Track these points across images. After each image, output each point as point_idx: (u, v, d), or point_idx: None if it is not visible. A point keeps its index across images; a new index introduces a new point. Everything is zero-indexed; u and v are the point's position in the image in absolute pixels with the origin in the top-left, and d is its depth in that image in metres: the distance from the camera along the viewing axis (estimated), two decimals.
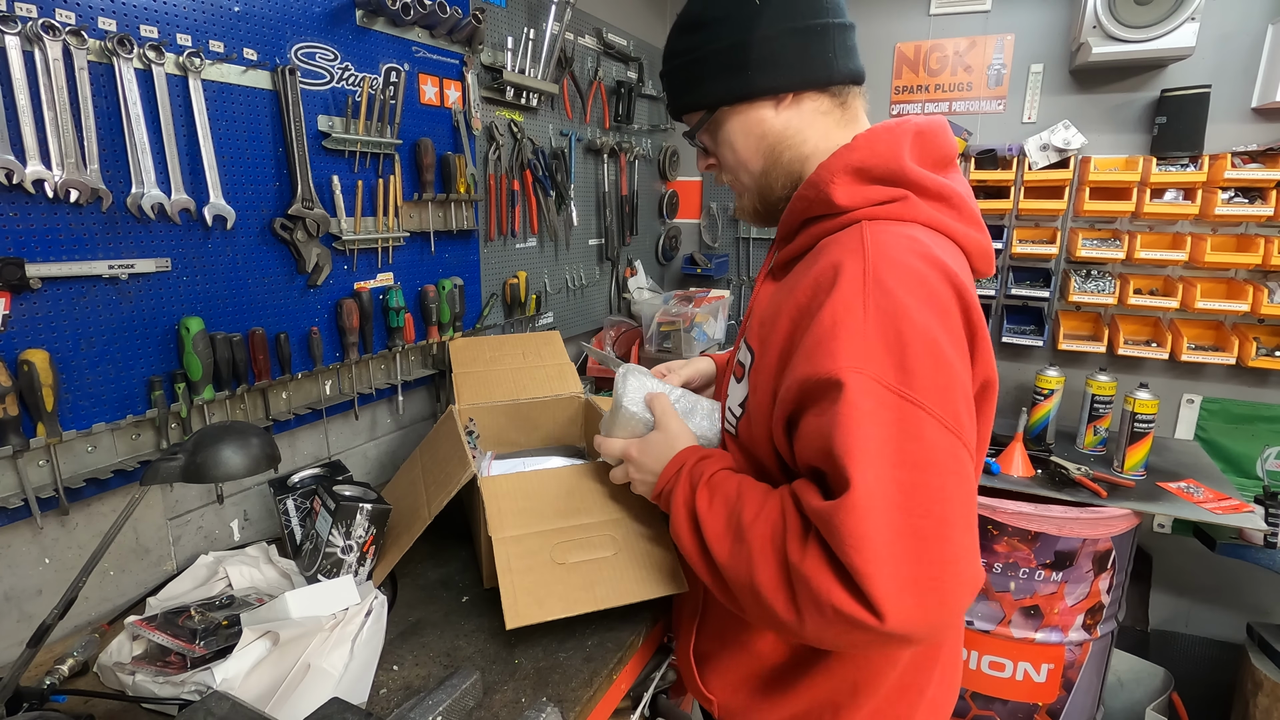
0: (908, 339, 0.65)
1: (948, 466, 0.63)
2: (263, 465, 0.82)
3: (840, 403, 0.64)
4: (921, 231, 0.75)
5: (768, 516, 0.72)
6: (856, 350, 0.65)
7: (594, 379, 2.26)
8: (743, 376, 0.86)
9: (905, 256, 0.70)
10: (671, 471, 0.88)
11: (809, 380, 0.68)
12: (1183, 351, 2.17)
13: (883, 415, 0.63)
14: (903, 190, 0.76)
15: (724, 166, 0.92)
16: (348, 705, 0.71)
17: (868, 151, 0.77)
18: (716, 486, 0.81)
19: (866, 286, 0.68)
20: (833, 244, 0.76)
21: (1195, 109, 2.10)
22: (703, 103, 0.88)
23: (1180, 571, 2.42)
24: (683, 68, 0.88)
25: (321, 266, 1.34)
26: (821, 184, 0.78)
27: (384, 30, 1.42)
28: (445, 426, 1.30)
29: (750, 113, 0.85)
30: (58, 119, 0.94)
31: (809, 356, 0.69)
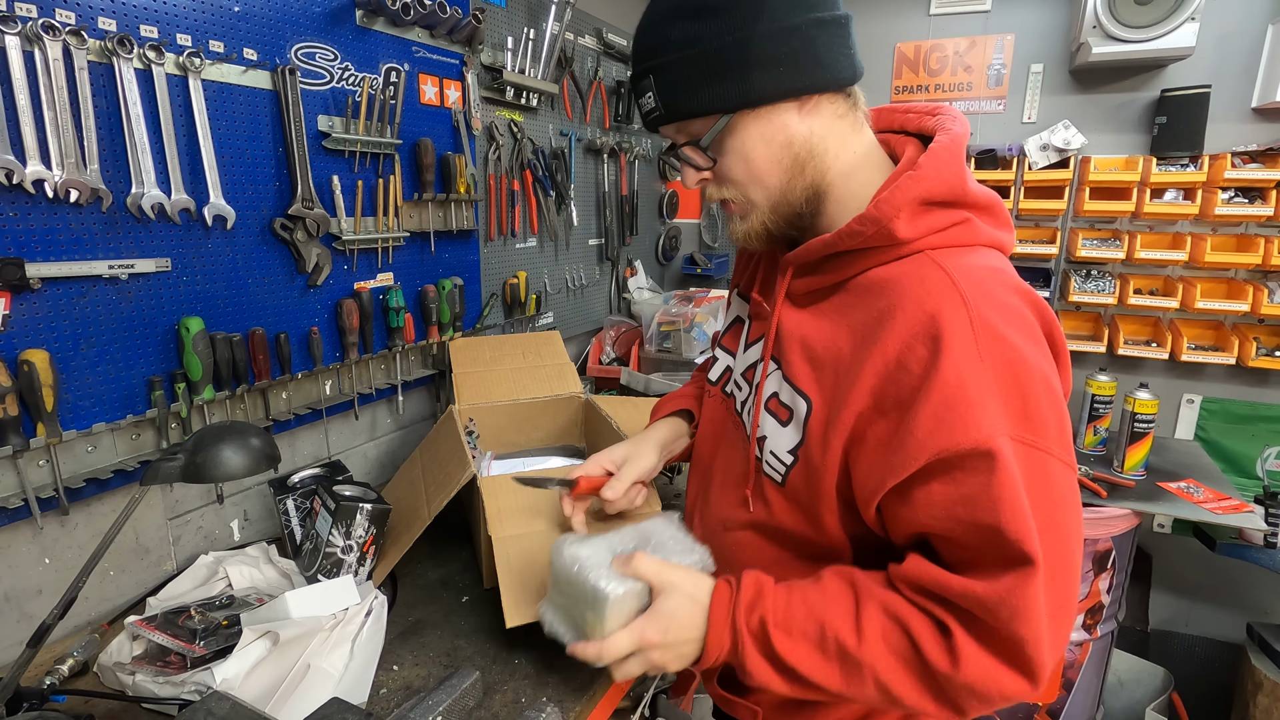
0: (1028, 388, 0.63)
1: (1071, 502, 0.65)
2: (263, 465, 0.82)
3: (996, 473, 0.61)
4: (993, 257, 0.72)
5: (877, 631, 0.68)
6: (991, 413, 0.61)
7: (594, 379, 2.26)
8: (789, 420, 0.77)
9: (1000, 293, 0.66)
10: (723, 633, 0.74)
11: (945, 452, 0.62)
12: (1183, 351, 2.17)
13: (1026, 473, 0.61)
14: (964, 213, 0.71)
15: (728, 181, 0.78)
16: (348, 705, 0.71)
17: (936, 180, 0.69)
18: (785, 621, 0.72)
19: (979, 339, 0.63)
20: (906, 284, 0.69)
21: (1195, 109, 2.10)
22: (718, 106, 0.73)
23: (1180, 571, 2.42)
24: (687, 62, 0.71)
25: (321, 266, 1.34)
26: (884, 220, 0.69)
27: (384, 30, 1.42)
28: (445, 426, 1.30)
29: (773, 118, 0.73)
30: (58, 119, 0.94)
31: (937, 426, 0.62)
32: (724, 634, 0.74)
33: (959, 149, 0.72)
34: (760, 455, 0.82)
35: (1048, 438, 0.63)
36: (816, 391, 0.74)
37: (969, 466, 0.62)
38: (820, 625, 0.70)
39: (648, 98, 0.75)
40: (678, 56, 0.72)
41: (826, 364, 0.74)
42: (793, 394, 0.77)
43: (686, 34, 0.71)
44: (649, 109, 0.76)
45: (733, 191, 0.78)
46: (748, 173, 0.76)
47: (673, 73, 0.73)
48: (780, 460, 0.78)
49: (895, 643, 0.68)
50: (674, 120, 0.76)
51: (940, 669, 0.65)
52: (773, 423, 0.80)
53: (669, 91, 0.74)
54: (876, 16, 2.52)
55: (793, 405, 0.77)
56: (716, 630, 0.74)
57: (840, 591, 0.72)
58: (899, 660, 0.67)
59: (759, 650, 0.72)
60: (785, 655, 0.71)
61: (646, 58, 0.75)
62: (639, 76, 0.76)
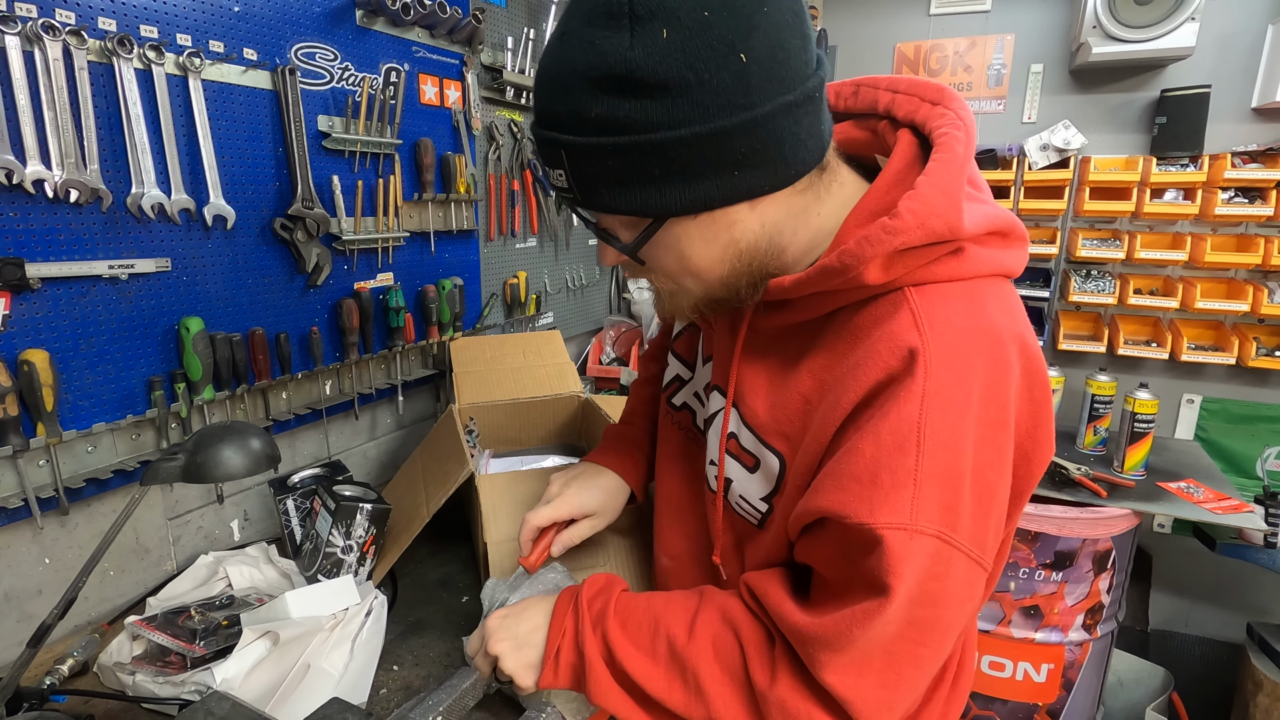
0: (957, 480, 0.56)
1: (957, 600, 0.59)
2: (263, 465, 0.82)
3: (884, 557, 0.55)
4: (989, 295, 0.62)
5: (709, 634, 0.66)
6: (903, 504, 0.55)
7: (594, 379, 2.26)
8: (755, 468, 0.72)
9: (971, 358, 0.58)
10: (565, 616, 0.72)
11: (845, 520, 0.57)
12: (1183, 351, 2.17)
13: (924, 564, 0.56)
14: (956, 243, 0.60)
15: (656, 272, 0.66)
16: (348, 705, 0.71)
17: (916, 230, 0.56)
18: (624, 614, 0.70)
19: (923, 418, 0.55)
20: (877, 337, 0.60)
21: (1195, 109, 2.10)
22: (650, 211, 0.58)
23: (1180, 571, 2.41)
24: (613, 154, 0.55)
25: (321, 266, 1.34)
26: (851, 270, 0.58)
27: (384, 30, 1.42)
28: (445, 426, 1.31)
29: (718, 217, 0.59)
30: (58, 119, 0.94)
31: (845, 490, 0.58)
32: (565, 616, 0.72)
33: (956, 178, 0.57)
34: (728, 499, 0.77)
35: (960, 532, 0.57)
36: (786, 445, 0.68)
37: (860, 539, 0.57)
38: (655, 623, 0.68)
39: (558, 174, 0.59)
40: (600, 143, 0.55)
41: (794, 414, 0.67)
42: (757, 444, 0.71)
43: (614, 115, 0.54)
44: (561, 186, 0.60)
45: (661, 280, 0.67)
46: (681, 268, 0.64)
47: (593, 161, 0.56)
48: (754, 506, 0.74)
49: (723, 647, 0.66)
50: (586, 209, 0.62)
51: (758, 682, 0.62)
52: (737, 467, 0.74)
53: (586, 181, 0.58)
54: (876, 16, 2.52)
55: (760, 456, 0.71)
56: (559, 612, 0.72)
57: (686, 596, 0.71)
58: (722, 667, 0.65)
59: (598, 638, 0.69)
60: (616, 647, 0.68)
61: (555, 126, 0.57)
62: (545, 143, 0.59)
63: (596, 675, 0.69)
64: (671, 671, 0.66)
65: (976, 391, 0.57)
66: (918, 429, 0.55)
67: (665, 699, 0.66)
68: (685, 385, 0.89)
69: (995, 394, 0.58)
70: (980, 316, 0.60)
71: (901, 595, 0.56)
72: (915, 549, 0.55)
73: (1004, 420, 0.59)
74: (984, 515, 0.59)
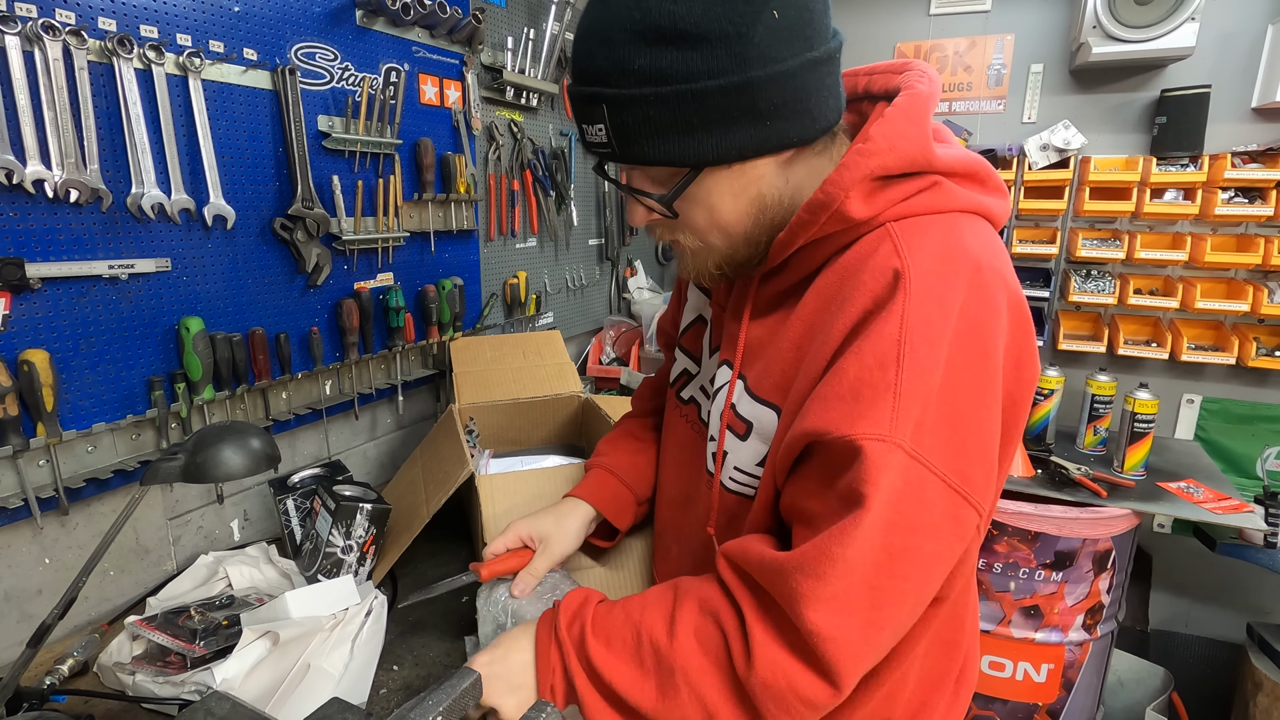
0: (932, 401, 0.57)
1: (934, 529, 0.58)
2: (263, 465, 0.82)
3: (863, 467, 0.56)
4: (967, 228, 0.64)
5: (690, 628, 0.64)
6: (883, 416, 0.56)
7: (594, 379, 2.26)
8: (747, 433, 0.73)
9: (950, 280, 0.59)
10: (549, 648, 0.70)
11: (827, 437, 0.58)
12: (1183, 351, 2.17)
13: (899, 481, 0.56)
14: (933, 178, 0.63)
15: (685, 228, 0.68)
16: (348, 705, 0.70)
17: (890, 152, 0.61)
18: (605, 629, 0.68)
19: (903, 335, 0.57)
20: (858, 266, 0.62)
21: (1195, 109, 2.10)
22: (688, 160, 0.61)
23: (1180, 571, 2.41)
24: (655, 103, 0.58)
25: (321, 266, 1.34)
26: (832, 202, 0.61)
27: (384, 30, 1.42)
28: (445, 426, 1.31)
29: (748, 171, 0.63)
30: (58, 119, 0.94)
31: (829, 409, 0.59)
32: (549, 649, 0.70)
33: (920, 109, 0.62)
34: (720, 474, 0.77)
35: (932, 453, 0.57)
36: (780, 397, 0.69)
37: (839, 454, 0.58)
38: (636, 631, 0.66)
39: (598, 130, 0.62)
40: (642, 93, 0.58)
41: (786, 364, 0.68)
42: (754, 405, 0.72)
43: (656, 66, 0.57)
44: (599, 141, 0.63)
45: (688, 237, 0.70)
46: (710, 222, 0.67)
47: (634, 112, 0.60)
48: (749, 474, 0.74)
49: (706, 638, 0.64)
50: (625, 162, 0.65)
51: (738, 664, 0.61)
52: (732, 438, 0.75)
53: (627, 133, 0.61)
54: (876, 16, 2.52)
55: (753, 417, 0.72)
56: (543, 646, 0.70)
57: (661, 594, 0.69)
58: (709, 660, 0.63)
59: (581, 666, 0.67)
60: (602, 668, 0.66)
61: (597, 80, 0.60)
62: (586, 99, 0.62)
63: (590, 705, 0.68)
64: (662, 679, 0.65)
65: (955, 313, 0.58)
66: (898, 345, 0.57)
67: (660, 711, 0.65)
68: (693, 379, 0.89)
69: (978, 324, 0.59)
70: (957, 243, 0.62)
71: (878, 510, 0.55)
72: (891, 461, 0.56)
73: (987, 351, 0.60)
74: (962, 444, 0.58)
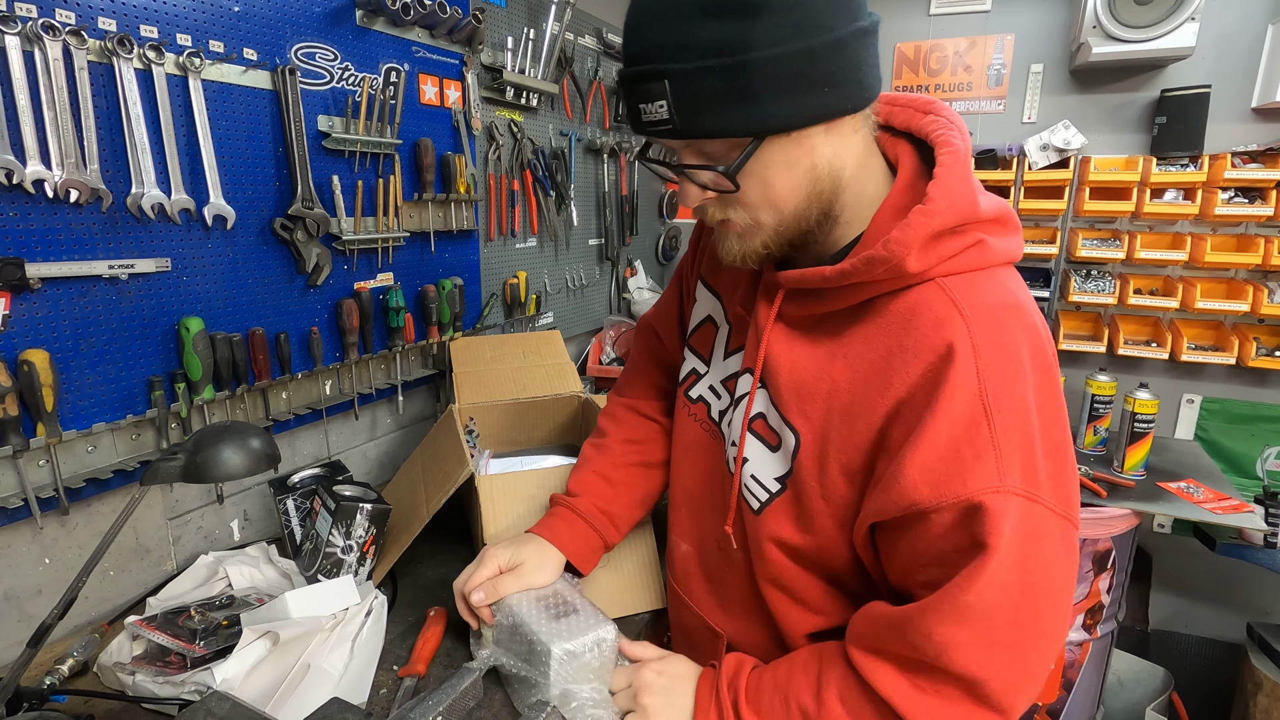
0: (1031, 444, 0.61)
1: (1057, 561, 0.62)
2: (263, 465, 0.82)
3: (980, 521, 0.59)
4: (1006, 282, 0.68)
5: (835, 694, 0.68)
6: (989, 470, 0.59)
7: (594, 379, 2.26)
8: (778, 447, 0.75)
9: (1012, 330, 0.63)
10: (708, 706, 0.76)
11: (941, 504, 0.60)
12: (1183, 351, 2.17)
13: (1016, 525, 0.59)
14: (976, 234, 0.66)
15: (740, 205, 0.69)
16: (348, 705, 0.71)
17: (949, 212, 0.63)
18: (755, 699, 0.73)
19: (983, 390, 0.60)
20: (916, 322, 0.65)
21: (1195, 109, 2.10)
22: (750, 129, 0.62)
23: (1180, 571, 2.42)
24: (718, 74, 0.59)
25: (321, 266, 1.34)
26: (896, 259, 0.63)
27: (384, 30, 1.42)
28: (445, 426, 1.30)
29: (801, 141, 0.64)
30: (58, 119, 0.94)
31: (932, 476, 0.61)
32: (709, 711, 0.75)
33: (967, 167, 0.66)
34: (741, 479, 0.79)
35: (1041, 489, 0.61)
36: (805, 425, 0.71)
37: (953, 517, 0.61)
38: (785, 699, 0.70)
39: (658, 106, 0.63)
40: (706, 65, 0.59)
41: (818, 396, 0.70)
42: (780, 422, 0.74)
43: (718, 38, 0.58)
44: (657, 119, 0.63)
45: (740, 214, 0.70)
46: (764, 198, 0.67)
47: (696, 85, 0.60)
48: (763, 487, 0.76)
49: (850, 701, 0.67)
50: (690, 138, 0.65)
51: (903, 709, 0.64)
52: (759, 447, 0.77)
53: (689, 106, 0.61)
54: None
55: (780, 433, 0.75)
56: (702, 704, 0.76)
57: (807, 662, 0.73)
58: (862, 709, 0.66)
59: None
60: None
61: (657, 58, 0.61)
62: (645, 78, 0.62)
63: None
64: None
65: (1026, 360, 0.63)
66: (982, 402, 0.60)
67: None
68: (701, 379, 0.91)
69: (1040, 360, 0.64)
70: (1007, 295, 0.66)
71: (1003, 554, 0.58)
72: (1008, 508, 0.58)
73: (1054, 381, 0.65)
74: (1060, 472, 0.63)
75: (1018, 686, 0.61)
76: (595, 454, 1.05)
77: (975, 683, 0.61)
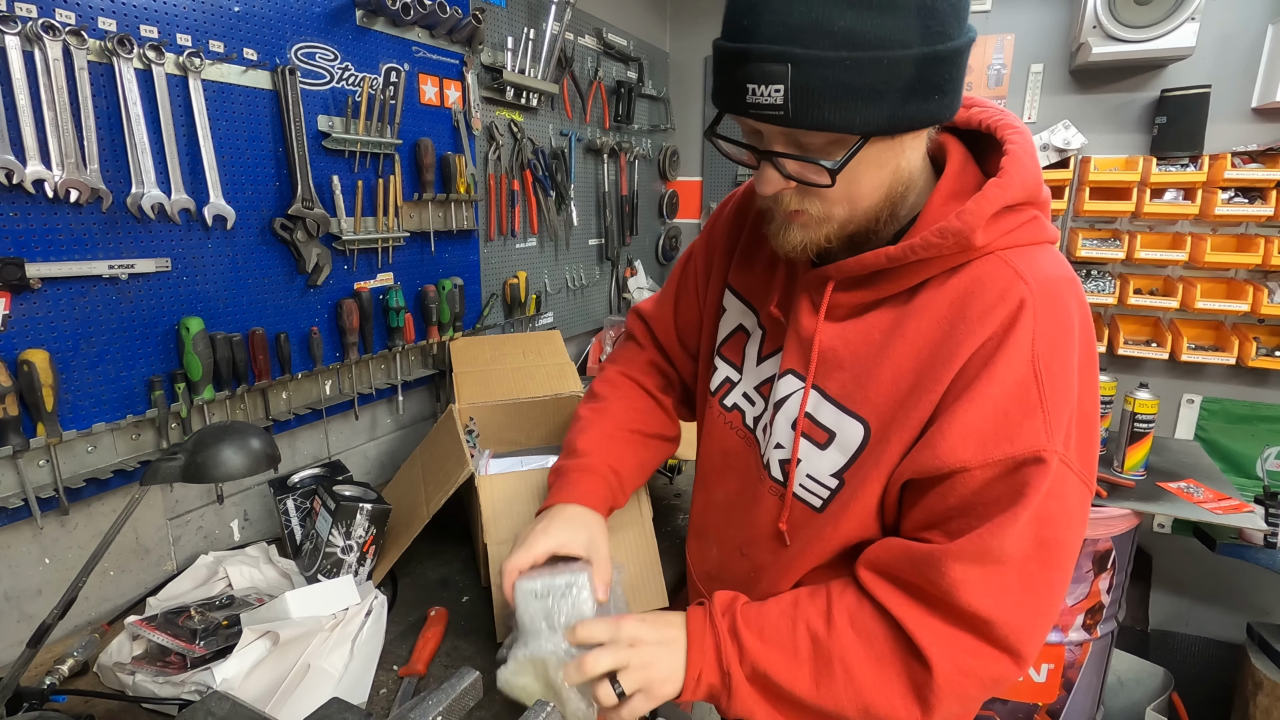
0: (1070, 411, 0.64)
1: (1075, 520, 0.65)
2: (263, 465, 0.82)
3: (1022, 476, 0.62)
4: (1057, 257, 0.71)
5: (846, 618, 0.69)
6: (1037, 429, 0.62)
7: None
8: (828, 443, 0.75)
9: (1067, 307, 0.66)
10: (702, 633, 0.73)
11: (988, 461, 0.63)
12: (1183, 351, 2.17)
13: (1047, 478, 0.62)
14: (1033, 211, 0.69)
15: (820, 197, 0.67)
16: (348, 705, 0.70)
17: (1020, 188, 0.66)
18: (759, 624, 0.72)
19: (1035, 355, 0.63)
20: (983, 292, 0.66)
21: (1195, 109, 2.10)
22: (863, 128, 0.60)
23: (1180, 571, 2.41)
24: (850, 67, 0.56)
25: (321, 266, 1.34)
26: (967, 231, 0.64)
27: (384, 30, 1.42)
28: (445, 426, 1.30)
29: (893, 144, 0.64)
30: (58, 119, 0.94)
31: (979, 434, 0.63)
32: (704, 638, 0.72)
33: (1033, 149, 0.69)
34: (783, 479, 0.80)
35: (1071, 454, 0.64)
36: (873, 413, 0.71)
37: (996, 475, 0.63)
38: (792, 621, 0.71)
39: (773, 90, 0.58)
40: (839, 56, 0.56)
41: (884, 381, 0.70)
42: (838, 415, 0.74)
43: (857, 29, 0.55)
44: (767, 103, 0.59)
45: (816, 207, 0.68)
46: (847, 194, 0.66)
47: (826, 75, 0.57)
48: (821, 484, 0.76)
49: (864, 631, 0.68)
50: (799, 127, 0.60)
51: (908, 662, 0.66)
52: (808, 445, 0.76)
53: (811, 95, 0.57)
54: None
55: (837, 427, 0.74)
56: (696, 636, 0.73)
57: (813, 593, 0.74)
58: (867, 648, 0.68)
59: (736, 654, 0.71)
60: (756, 657, 0.70)
61: (785, 39, 0.56)
62: (766, 58, 0.57)
63: (739, 691, 0.71)
64: (818, 667, 0.68)
65: (1075, 329, 0.65)
66: (1034, 366, 0.63)
67: (814, 698, 0.69)
68: (735, 386, 0.90)
69: (1086, 332, 0.67)
70: (1064, 267, 0.69)
71: (1032, 510, 0.61)
72: (1048, 468, 0.62)
73: (1094, 353, 0.69)
74: (1088, 439, 0.66)
75: (1026, 633, 0.64)
76: (596, 417, 1.01)
77: (985, 622, 0.63)
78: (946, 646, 0.65)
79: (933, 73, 0.59)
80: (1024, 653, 0.64)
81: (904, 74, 0.58)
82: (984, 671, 0.65)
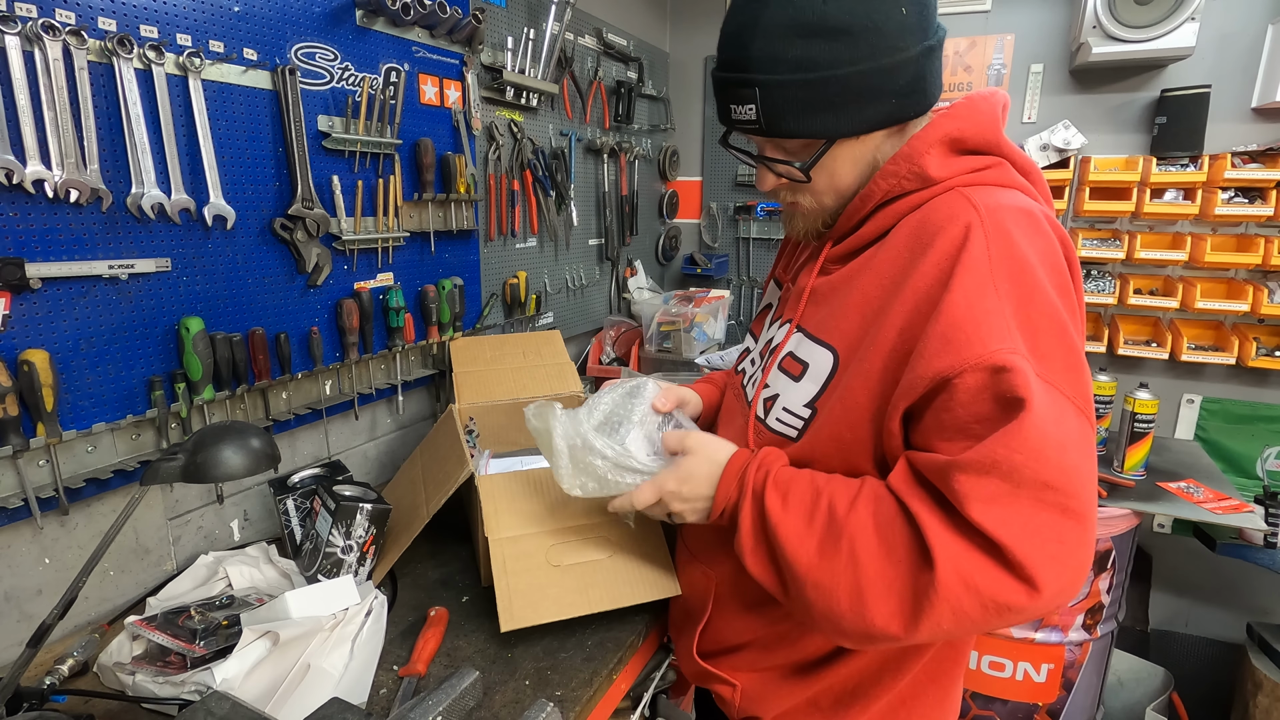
0: (1040, 324, 0.64)
1: (1081, 444, 0.63)
2: (263, 465, 0.82)
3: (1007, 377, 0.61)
4: (1022, 198, 0.72)
5: (869, 506, 0.68)
6: (1004, 330, 0.63)
7: (594, 379, 2.26)
8: (801, 375, 0.79)
9: (1023, 230, 0.67)
10: (732, 482, 0.79)
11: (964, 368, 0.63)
12: (1183, 351, 2.17)
13: (1041, 402, 0.61)
14: (997, 158, 0.74)
15: (809, 190, 0.80)
16: (348, 705, 0.71)
17: (969, 121, 0.73)
18: (785, 485, 0.74)
19: (994, 271, 0.64)
20: (933, 217, 0.70)
21: (1195, 109, 2.10)
22: (826, 133, 0.73)
23: (1180, 571, 2.41)
24: (803, 87, 0.70)
25: (321, 266, 1.34)
26: (915, 156, 0.72)
27: (384, 30, 1.42)
28: (445, 426, 1.30)
29: (867, 141, 0.75)
30: (58, 119, 0.94)
31: (951, 343, 0.64)
32: (731, 486, 0.78)
33: (993, 99, 0.75)
34: (764, 416, 0.84)
35: (1057, 373, 0.63)
36: (841, 340, 0.76)
37: (978, 380, 0.63)
38: (817, 493, 0.72)
39: (747, 108, 0.74)
40: (794, 79, 0.70)
41: (851, 310, 0.75)
42: (811, 347, 0.79)
43: (806, 56, 0.69)
44: (745, 119, 0.75)
45: (808, 199, 0.81)
46: (830, 186, 0.78)
47: (784, 95, 0.71)
48: (795, 414, 0.79)
49: (883, 521, 0.67)
50: (771, 136, 0.76)
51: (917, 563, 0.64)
52: (784, 379, 0.82)
53: (776, 112, 0.72)
54: None
55: (809, 359, 0.79)
56: (726, 481, 0.79)
57: (851, 480, 0.73)
58: (880, 538, 0.66)
59: (753, 512, 0.75)
60: (772, 517, 0.73)
61: (752, 68, 0.71)
62: (738, 84, 0.73)
63: (745, 542, 0.76)
64: (825, 540, 0.69)
65: (1032, 253, 0.66)
66: (990, 275, 0.65)
67: (810, 568, 0.70)
68: (750, 353, 0.97)
69: (1052, 263, 0.68)
70: (1023, 200, 0.72)
71: (1038, 416, 0.60)
72: (1028, 370, 0.61)
73: (1066, 285, 0.69)
74: (1072, 363, 0.65)
75: (1041, 560, 0.59)
76: None
77: (998, 546, 0.60)
78: (956, 555, 0.62)
79: (886, 82, 0.70)
80: (1039, 582, 0.59)
81: (856, 85, 0.70)
82: (989, 590, 0.61)
